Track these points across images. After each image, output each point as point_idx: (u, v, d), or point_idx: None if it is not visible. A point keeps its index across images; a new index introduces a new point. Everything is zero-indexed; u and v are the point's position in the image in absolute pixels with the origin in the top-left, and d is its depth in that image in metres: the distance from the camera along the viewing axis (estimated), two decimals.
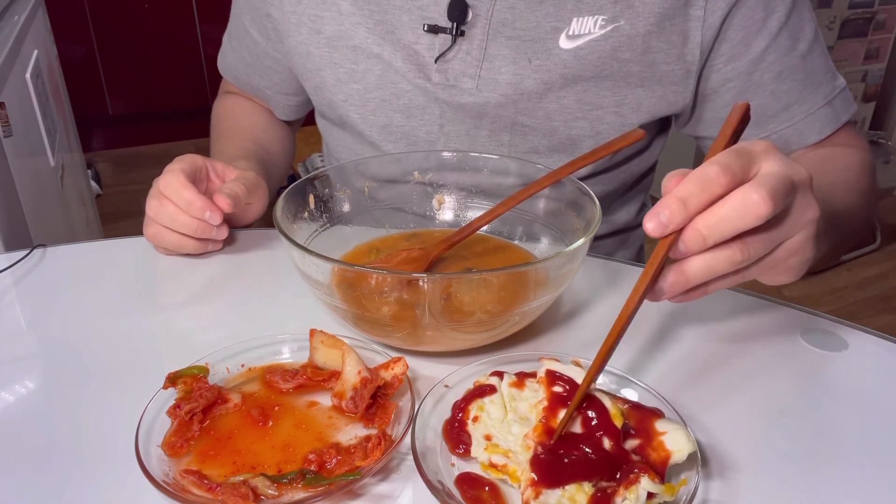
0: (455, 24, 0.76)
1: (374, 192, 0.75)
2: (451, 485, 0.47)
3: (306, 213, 0.68)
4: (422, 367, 0.59)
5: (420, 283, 0.55)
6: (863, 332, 0.64)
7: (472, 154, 0.74)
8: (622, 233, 0.97)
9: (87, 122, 2.87)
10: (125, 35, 3.16)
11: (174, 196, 0.72)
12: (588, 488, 0.44)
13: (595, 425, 0.46)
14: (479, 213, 0.68)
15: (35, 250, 0.77)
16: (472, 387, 0.52)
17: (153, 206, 0.73)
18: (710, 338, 0.63)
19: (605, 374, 0.54)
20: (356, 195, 0.74)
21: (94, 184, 2.84)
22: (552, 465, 0.44)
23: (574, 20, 0.74)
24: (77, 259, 0.79)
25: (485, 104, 0.78)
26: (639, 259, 1.02)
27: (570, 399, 0.47)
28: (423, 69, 0.79)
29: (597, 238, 0.92)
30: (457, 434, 0.50)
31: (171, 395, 0.52)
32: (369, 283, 0.58)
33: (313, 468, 0.47)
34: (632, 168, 0.89)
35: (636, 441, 0.46)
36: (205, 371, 0.54)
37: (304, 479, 0.46)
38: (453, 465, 0.49)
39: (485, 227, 0.68)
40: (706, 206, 0.45)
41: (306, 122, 1.07)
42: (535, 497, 0.43)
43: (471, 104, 0.79)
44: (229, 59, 0.99)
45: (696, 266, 0.46)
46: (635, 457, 0.45)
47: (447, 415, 0.51)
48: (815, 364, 0.60)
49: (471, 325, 0.57)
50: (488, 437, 0.48)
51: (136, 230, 0.78)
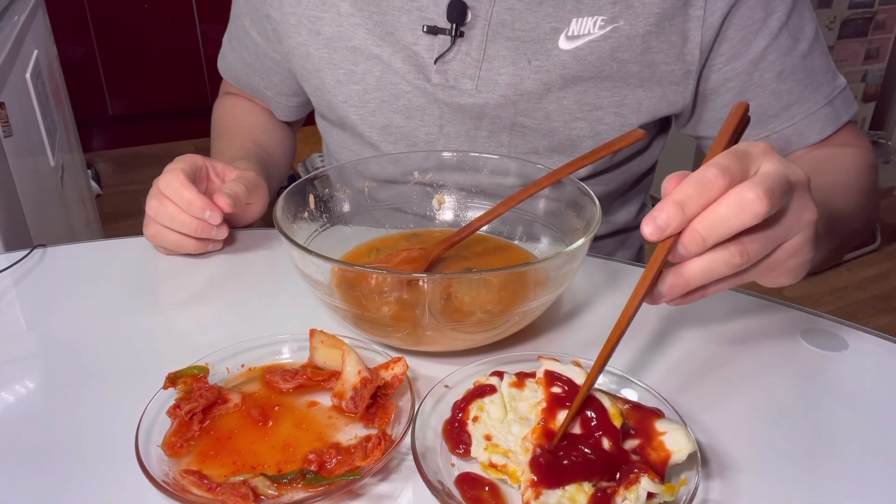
0: (454, 25, 0.76)
1: (374, 192, 0.75)
2: (451, 485, 0.47)
3: (306, 213, 0.68)
4: (422, 367, 0.59)
5: (420, 283, 0.55)
6: (863, 332, 0.64)
7: (472, 154, 0.74)
8: (622, 233, 0.97)
9: (87, 122, 2.87)
10: (125, 35, 3.16)
11: (174, 196, 0.72)
12: (588, 488, 0.44)
13: (594, 426, 0.46)
14: (479, 213, 0.68)
15: (35, 250, 0.77)
16: (472, 387, 0.52)
17: (153, 205, 0.73)
18: (709, 338, 0.63)
19: (605, 374, 0.54)
20: (356, 195, 0.74)
21: (94, 184, 2.84)
22: (552, 465, 0.44)
23: (573, 21, 0.74)
24: (77, 259, 0.79)
25: (484, 105, 0.78)
26: (639, 259, 1.02)
27: (569, 400, 0.47)
28: (422, 70, 0.79)
29: (597, 238, 0.92)
30: (457, 434, 0.50)
31: (171, 395, 0.52)
32: (369, 283, 0.58)
33: (313, 468, 0.47)
34: (632, 168, 0.89)
35: (636, 441, 0.46)
36: (205, 371, 0.54)
37: (304, 479, 0.46)
38: (453, 465, 0.49)
39: (485, 227, 0.68)
40: (704, 208, 0.45)
41: (306, 122, 1.07)
42: (536, 497, 0.43)
43: (470, 105, 0.79)
44: (229, 59, 0.99)
45: (695, 269, 0.46)
46: (635, 457, 0.46)
47: (447, 415, 0.51)
48: (815, 364, 0.60)
49: (471, 325, 0.57)
50: (488, 437, 0.48)
51: (136, 230, 0.78)
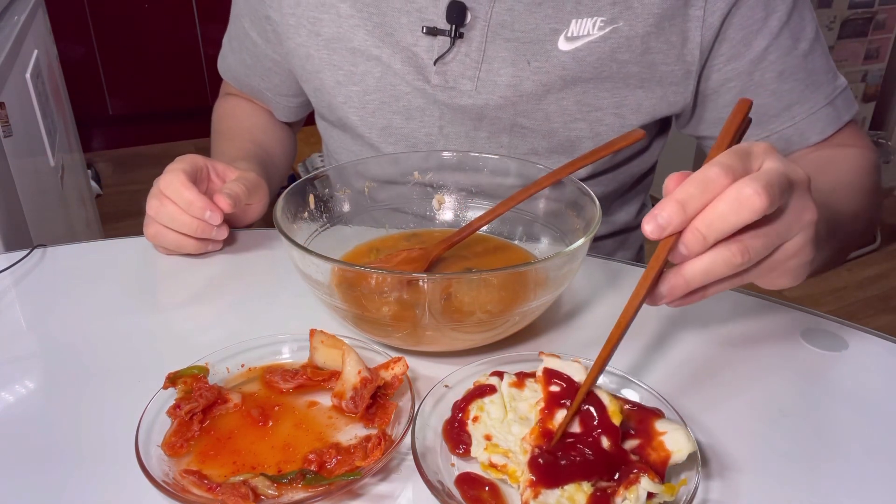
0: (454, 26, 0.76)
1: (374, 192, 0.75)
2: (451, 485, 0.47)
3: (306, 213, 0.68)
4: (422, 367, 0.59)
5: (420, 283, 0.55)
6: (863, 332, 0.64)
7: (471, 154, 0.74)
8: (622, 233, 0.97)
9: (87, 122, 2.87)
10: (125, 35, 3.17)
11: (175, 196, 0.72)
12: (587, 488, 0.44)
13: (593, 424, 0.46)
14: (479, 213, 0.68)
15: (35, 250, 0.77)
16: (472, 387, 0.52)
17: (153, 205, 0.73)
18: (710, 338, 0.63)
19: (606, 374, 0.54)
20: (356, 195, 0.74)
21: (94, 184, 2.84)
22: (550, 466, 0.44)
23: (573, 22, 0.74)
24: (77, 259, 0.79)
25: (484, 106, 0.78)
26: (639, 259, 1.02)
27: (568, 399, 0.47)
28: (422, 71, 0.79)
29: (597, 238, 0.92)
30: (457, 434, 0.50)
31: (171, 395, 0.52)
32: (369, 283, 0.58)
33: (313, 468, 0.47)
34: (631, 169, 0.89)
35: (636, 441, 0.46)
36: (205, 371, 0.54)
37: (304, 479, 0.46)
38: (453, 465, 0.49)
39: (485, 227, 0.68)
40: (705, 207, 0.45)
41: (306, 122, 1.07)
42: (534, 497, 0.43)
43: (470, 106, 0.79)
44: (229, 60, 0.99)
45: (696, 269, 0.46)
46: (634, 456, 0.45)
47: (447, 415, 0.51)
48: (815, 364, 0.60)
49: (471, 325, 0.57)
50: (488, 437, 0.48)
51: (136, 230, 0.78)
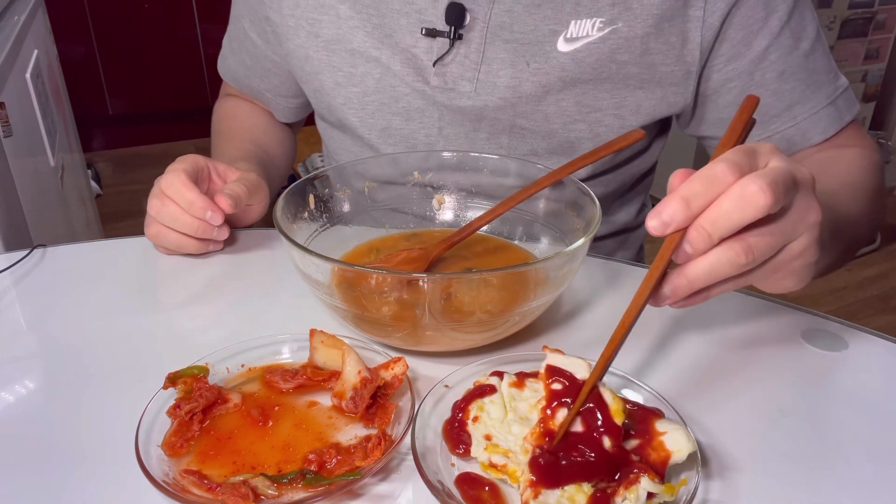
0: (453, 27, 0.76)
1: (373, 192, 0.75)
2: (451, 485, 0.47)
3: (306, 213, 0.68)
4: (422, 367, 0.59)
5: (420, 283, 0.55)
6: (863, 332, 0.64)
7: (471, 154, 0.74)
8: (622, 233, 0.97)
9: (87, 122, 2.87)
10: (125, 35, 3.17)
11: (176, 196, 0.72)
12: (587, 488, 0.44)
13: (595, 423, 0.46)
14: (479, 213, 0.68)
15: (35, 250, 0.77)
16: (472, 387, 0.52)
17: (155, 205, 0.73)
18: (709, 338, 0.63)
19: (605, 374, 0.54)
20: (356, 195, 0.74)
21: (94, 184, 2.84)
22: (551, 466, 0.44)
23: (572, 23, 0.74)
24: (77, 259, 0.79)
25: (483, 107, 0.78)
26: (639, 260, 1.02)
27: (569, 397, 0.47)
28: (421, 73, 0.79)
29: (597, 239, 0.92)
30: (457, 434, 0.50)
31: (171, 395, 0.52)
32: (369, 283, 0.58)
33: (313, 468, 0.47)
34: (631, 169, 0.89)
35: (636, 441, 0.46)
36: (205, 371, 0.54)
37: (304, 479, 0.46)
38: (453, 465, 0.49)
39: (485, 227, 0.68)
40: (710, 205, 0.44)
41: (306, 122, 1.07)
42: (534, 497, 0.43)
43: (469, 107, 0.79)
44: (229, 61, 0.99)
45: (699, 269, 0.46)
46: (635, 457, 0.45)
47: (447, 415, 0.51)
48: (815, 364, 0.60)
49: (471, 325, 0.57)
50: (488, 437, 0.48)
51: (136, 230, 0.78)
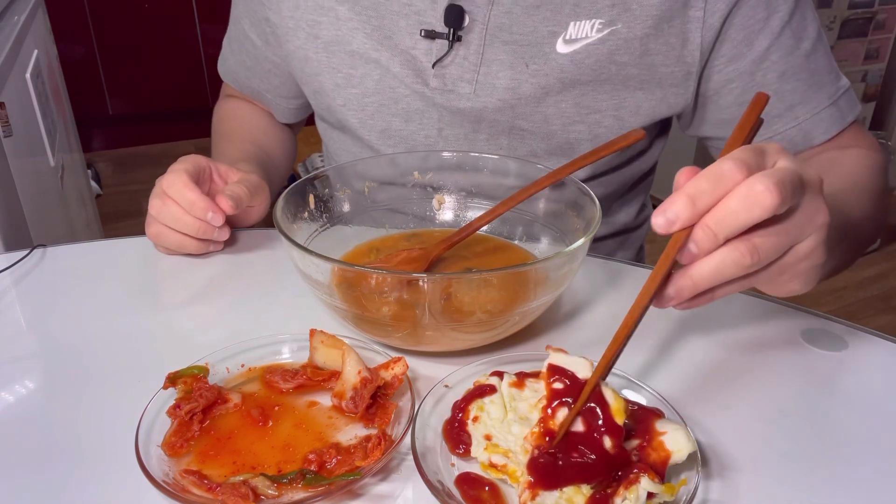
0: (451, 29, 0.76)
1: (373, 192, 0.75)
2: (451, 485, 0.47)
3: (306, 213, 0.68)
4: (422, 367, 0.59)
5: (420, 283, 0.55)
6: (863, 332, 0.64)
7: (471, 154, 0.74)
8: (622, 234, 0.96)
9: (87, 122, 2.87)
10: (125, 35, 3.17)
11: (177, 196, 0.72)
12: (586, 490, 0.44)
13: (596, 423, 0.45)
14: (479, 213, 0.68)
15: (35, 250, 0.77)
16: (472, 387, 0.52)
17: (156, 205, 0.73)
18: (709, 338, 0.63)
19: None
20: (356, 195, 0.74)
21: (94, 184, 2.84)
22: (549, 467, 0.44)
23: (571, 24, 0.74)
24: (77, 259, 0.79)
25: (482, 109, 0.78)
26: (638, 260, 1.02)
27: (570, 396, 0.46)
28: (420, 74, 0.79)
29: (597, 239, 0.92)
30: (457, 434, 0.49)
31: (171, 395, 0.52)
32: (369, 283, 0.58)
33: (313, 468, 0.47)
34: (631, 170, 0.89)
35: (636, 441, 0.46)
36: (205, 371, 0.54)
37: (304, 479, 0.46)
38: (453, 465, 0.49)
39: (485, 227, 0.68)
40: (716, 203, 0.44)
41: (307, 122, 1.07)
42: (532, 499, 0.43)
43: (468, 109, 0.79)
44: (229, 63, 0.99)
45: (704, 270, 0.45)
46: (634, 456, 0.45)
47: (447, 415, 0.51)
48: (815, 364, 0.60)
49: (471, 325, 0.57)
50: (488, 437, 0.48)
51: (136, 230, 0.78)
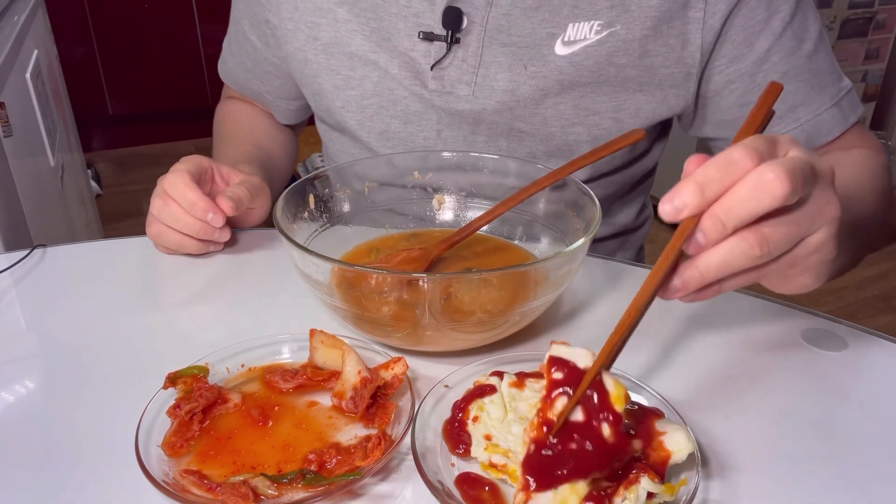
0: (450, 31, 0.76)
1: (373, 192, 0.75)
2: (451, 485, 0.47)
3: (306, 213, 0.68)
4: (422, 367, 0.59)
5: (420, 283, 0.55)
6: (863, 332, 0.64)
7: (471, 154, 0.74)
8: (622, 234, 0.96)
9: (87, 122, 2.88)
10: (125, 35, 3.16)
11: (178, 196, 0.72)
12: (582, 489, 0.43)
13: (595, 410, 0.44)
14: (479, 213, 0.68)
15: (35, 250, 0.77)
16: (472, 387, 0.52)
17: (157, 204, 0.73)
18: (709, 338, 0.63)
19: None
20: (356, 195, 0.74)
21: (94, 184, 2.84)
22: (545, 466, 0.44)
23: (570, 26, 0.74)
24: (77, 259, 0.79)
25: (481, 111, 0.78)
26: (639, 260, 1.02)
27: (570, 385, 0.45)
28: (419, 76, 0.79)
29: (597, 239, 0.92)
30: (457, 434, 0.50)
31: (171, 395, 0.52)
32: (369, 283, 0.58)
33: (313, 468, 0.47)
34: (631, 171, 0.89)
35: (636, 441, 0.46)
36: (205, 371, 0.54)
37: (304, 479, 0.46)
38: (453, 465, 0.49)
39: (485, 227, 0.68)
40: (725, 192, 0.42)
41: (307, 123, 1.07)
42: (526, 500, 0.43)
43: (467, 111, 0.79)
44: (229, 64, 0.99)
45: (711, 260, 0.44)
46: (636, 443, 0.45)
47: (447, 415, 0.51)
48: (815, 364, 0.60)
49: (471, 325, 0.57)
50: (488, 437, 0.48)
51: (136, 230, 0.78)
